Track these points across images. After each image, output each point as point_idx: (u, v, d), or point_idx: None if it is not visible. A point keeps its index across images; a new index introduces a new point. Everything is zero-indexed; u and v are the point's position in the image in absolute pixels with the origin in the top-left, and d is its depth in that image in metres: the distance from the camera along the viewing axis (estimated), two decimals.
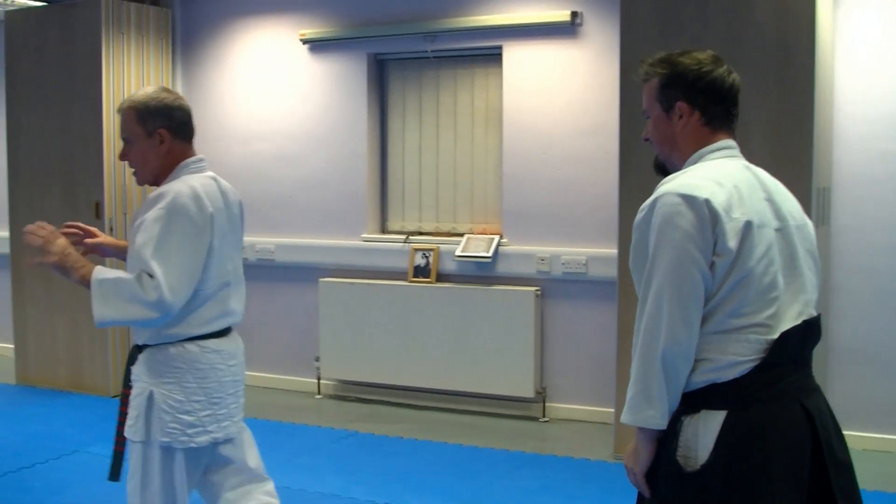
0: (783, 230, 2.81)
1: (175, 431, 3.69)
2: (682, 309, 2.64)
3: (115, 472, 3.96)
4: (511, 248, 7.50)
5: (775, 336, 2.68)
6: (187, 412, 3.71)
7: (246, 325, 8.73)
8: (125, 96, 8.06)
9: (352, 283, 8.05)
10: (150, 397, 3.71)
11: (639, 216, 2.81)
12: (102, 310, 3.59)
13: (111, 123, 8.18)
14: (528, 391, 7.43)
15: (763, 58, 5.97)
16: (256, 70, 8.57)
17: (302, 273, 8.39)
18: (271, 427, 7.35)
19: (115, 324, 3.70)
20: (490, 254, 7.48)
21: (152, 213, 3.62)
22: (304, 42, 8.28)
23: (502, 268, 7.54)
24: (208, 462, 3.89)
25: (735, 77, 2.94)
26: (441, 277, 7.77)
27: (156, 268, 3.53)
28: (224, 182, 3.97)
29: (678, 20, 6.20)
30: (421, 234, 8.06)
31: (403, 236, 7.98)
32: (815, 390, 2.84)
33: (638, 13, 6.33)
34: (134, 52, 8.42)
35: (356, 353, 8.02)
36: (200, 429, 3.73)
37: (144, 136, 3.76)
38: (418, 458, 6.60)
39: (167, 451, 3.71)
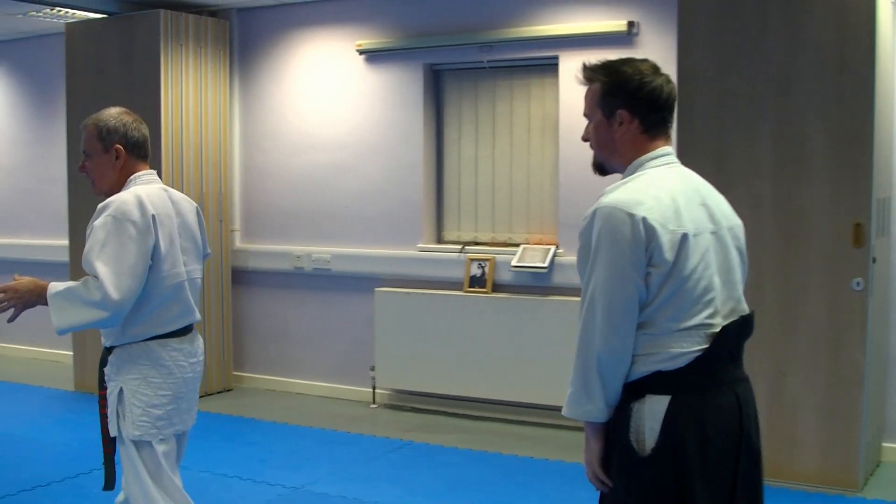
0: (717, 232, 3.02)
1: (145, 425, 3.96)
2: (613, 317, 2.83)
3: (110, 481, 4.22)
4: (567, 258, 7.47)
5: (714, 331, 2.89)
6: (155, 406, 4.00)
7: (302, 333, 8.81)
8: (184, 107, 8.24)
9: (407, 293, 8.07)
10: (121, 393, 4.00)
11: (582, 224, 2.94)
12: (59, 319, 3.87)
13: (169, 134, 8.26)
14: None
15: (822, 67, 5.93)
16: (313, 80, 8.62)
17: (358, 282, 8.42)
18: (326, 436, 7.39)
19: (74, 329, 3.97)
20: (546, 264, 7.47)
21: (99, 221, 3.90)
22: (361, 52, 8.32)
23: (558, 278, 7.52)
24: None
25: (672, 87, 3.09)
26: (497, 288, 7.76)
27: (99, 269, 3.79)
28: (176, 192, 4.26)
29: (736, 29, 6.17)
30: (477, 244, 8.07)
31: (459, 246, 7.99)
32: (745, 380, 3.04)
33: (695, 22, 6.31)
34: (192, 63, 8.50)
35: (411, 362, 8.03)
36: (167, 421, 4.02)
37: (102, 151, 4.11)
38: (473, 469, 6.59)
39: (140, 444, 3.97)
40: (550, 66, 7.67)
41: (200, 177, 8.58)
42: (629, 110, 3.03)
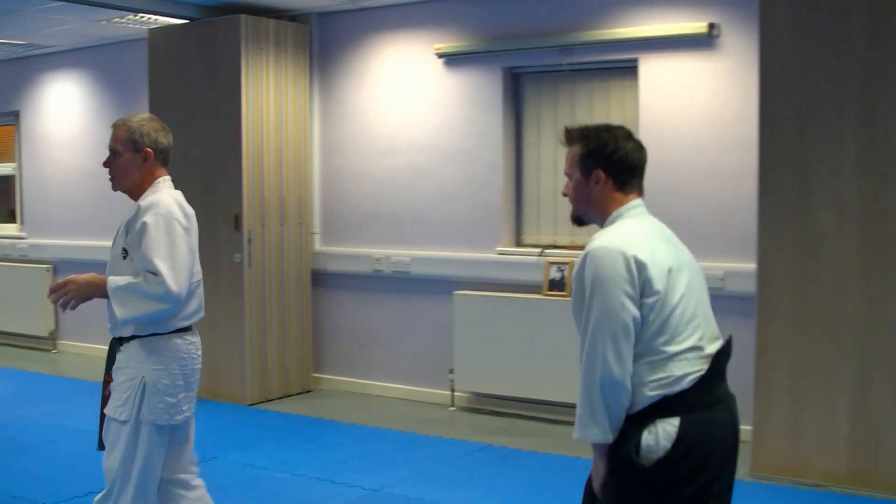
0: (690, 268, 3.38)
1: (160, 411, 4.26)
2: (614, 347, 3.13)
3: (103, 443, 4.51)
4: None
5: (705, 353, 3.27)
6: (171, 394, 4.29)
7: (381, 336, 8.84)
8: (265, 111, 8.32)
9: (486, 296, 8.07)
10: (142, 381, 4.25)
11: (575, 268, 3.31)
12: (123, 311, 4.17)
13: (251, 138, 8.35)
14: None
15: None
16: (392, 84, 8.66)
17: (437, 285, 8.44)
18: (405, 438, 7.41)
19: (136, 320, 4.24)
20: None
21: (151, 220, 4.25)
22: (440, 56, 8.34)
23: None
24: (169, 438, 4.40)
25: (644, 153, 3.52)
26: None
27: (159, 265, 4.13)
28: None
29: (819, 29, 6.09)
30: (556, 247, 8.04)
31: (538, 249, 7.97)
32: (733, 396, 3.48)
33: (778, 24, 6.23)
34: (273, 67, 8.58)
35: (490, 365, 8.03)
36: (178, 408, 4.32)
37: (132, 151, 4.54)
38: (551, 473, 6.58)
39: (153, 427, 4.27)
40: (630, 69, 7.62)
41: (280, 180, 8.66)
42: (604, 171, 3.40)
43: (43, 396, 9.01)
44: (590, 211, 3.48)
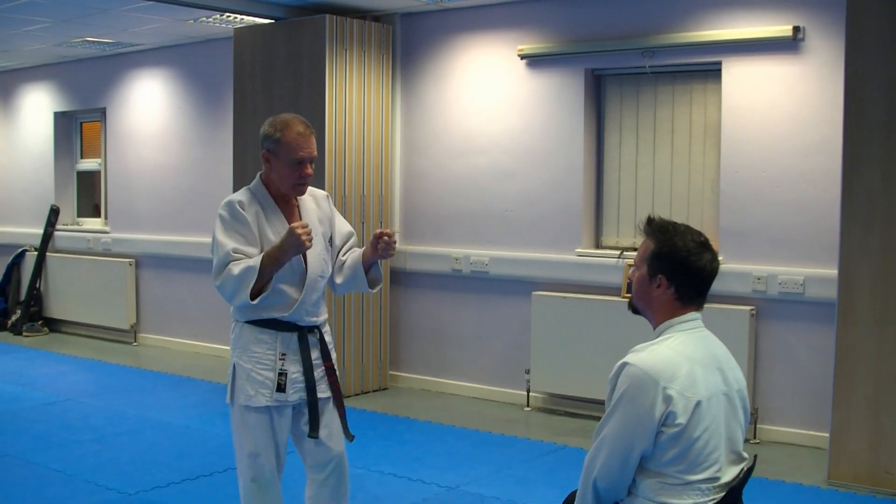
0: (728, 394, 3.32)
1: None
2: (611, 465, 3.22)
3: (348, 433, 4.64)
4: (727, 266, 7.37)
5: (721, 483, 3.22)
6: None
7: (458, 335, 8.86)
8: (348, 110, 8.41)
9: (564, 298, 8.07)
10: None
11: (612, 373, 3.37)
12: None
13: (333, 137, 8.43)
14: None
15: None
16: (475, 85, 8.69)
17: (515, 286, 8.46)
18: (481, 437, 7.44)
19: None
20: None
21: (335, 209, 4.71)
22: (522, 57, 8.36)
23: (717, 286, 7.33)
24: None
25: (716, 265, 3.41)
26: None
27: None
28: None
29: None
30: (635, 249, 7.97)
31: (618, 252, 7.95)
32: None
33: (865, 27, 6.17)
34: (356, 66, 8.65)
35: (567, 366, 8.03)
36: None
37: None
38: None
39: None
40: (713, 72, 7.59)
41: (362, 179, 8.73)
42: (668, 278, 3.37)
43: (125, 388, 9.17)
44: (647, 311, 3.49)
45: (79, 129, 12.61)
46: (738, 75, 7.39)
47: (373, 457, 6.84)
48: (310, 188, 4.54)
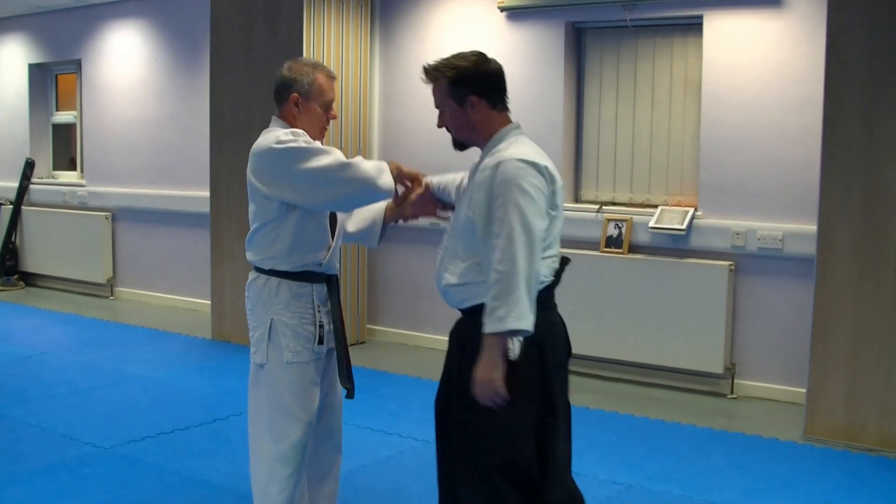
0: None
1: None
2: (532, 247, 3.33)
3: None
4: (706, 221, 7.37)
5: (556, 266, 3.60)
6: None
7: (435, 289, 8.85)
8: (325, 62, 8.27)
9: None
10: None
11: (479, 177, 3.53)
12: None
13: None
14: (718, 367, 7.32)
15: None
16: (454, 37, 8.61)
17: None
18: None
19: None
20: (684, 227, 7.38)
21: None
22: (502, 10, 8.29)
23: (696, 241, 7.43)
24: None
25: (500, 64, 3.72)
26: (633, 249, 7.70)
27: None
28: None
29: None
30: (614, 204, 8.00)
31: (597, 206, 7.93)
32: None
33: None
34: (334, 19, 8.57)
35: None
36: None
37: None
38: (605, 430, 6.58)
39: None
40: (695, 27, 7.54)
41: (340, 132, 8.66)
42: (476, 94, 3.60)
43: (101, 342, 9.12)
44: (473, 136, 3.68)
45: (54, 81, 12.48)
46: (719, 29, 7.34)
47: (350, 411, 6.75)
48: None
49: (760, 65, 7.18)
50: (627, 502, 5.32)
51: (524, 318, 3.29)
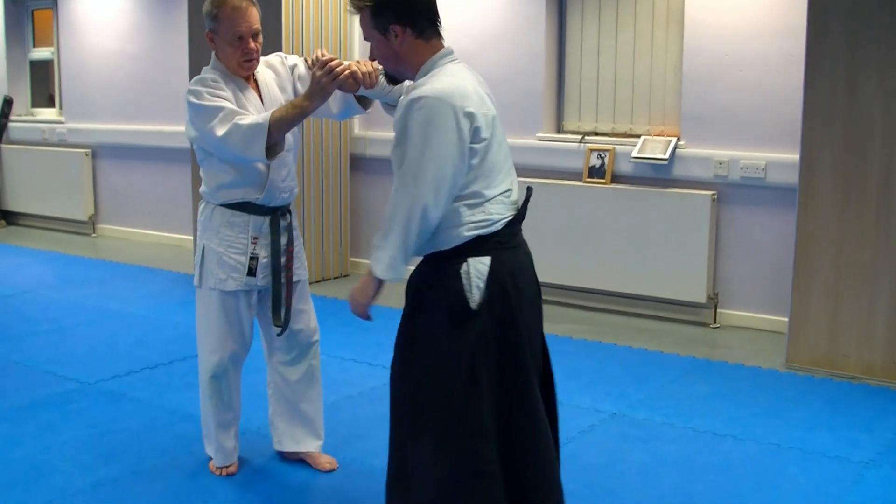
0: (496, 116, 3.44)
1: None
2: (439, 191, 3.24)
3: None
4: (688, 150, 7.35)
5: (513, 199, 3.47)
6: None
7: None
8: (305, 7, 8.15)
9: (526, 182, 7.99)
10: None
11: (396, 115, 3.34)
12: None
13: (290, 29, 8.27)
14: (700, 296, 7.34)
15: None
16: None
17: None
18: None
19: None
20: (666, 156, 7.36)
21: None
22: None
23: (679, 171, 7.41)
24: None
25: None
26: (616, 179, 7.68)
27: None
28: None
29: None
30: (597, 134, 7.96)
31: (579, 136, 7.90)
32: (525, 242, 3.58)
33: None
34: None
35: None
36: None
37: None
38: (588, 359, 6.60)
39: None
40: None
41: None
42: (399, 23, 3.37)
43: (84, 279, 9.09)
44: (401, 66, 3.49)
45: (30, 16, 12.31)
46: None
47: (333, 343, 6.82)
48: (264, 58, 4.40)
49: None
50: (610, 430, 5.34)
51: (392, 269, 3.33)
